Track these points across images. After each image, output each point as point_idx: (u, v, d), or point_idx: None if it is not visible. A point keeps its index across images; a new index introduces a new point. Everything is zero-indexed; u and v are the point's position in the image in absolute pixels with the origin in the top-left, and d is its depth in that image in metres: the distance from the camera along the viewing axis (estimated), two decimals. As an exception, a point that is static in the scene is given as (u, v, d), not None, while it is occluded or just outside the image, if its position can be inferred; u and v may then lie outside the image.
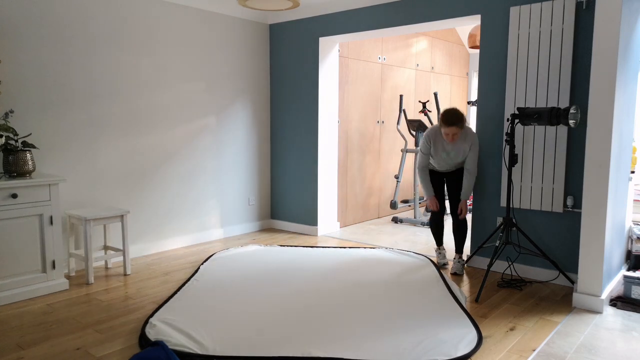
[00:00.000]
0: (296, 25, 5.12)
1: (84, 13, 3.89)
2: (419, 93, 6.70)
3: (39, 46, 3.66)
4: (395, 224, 5.84)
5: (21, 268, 3.29)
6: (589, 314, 3.10)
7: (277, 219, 5.54)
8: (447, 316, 2.98)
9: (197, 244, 4.82)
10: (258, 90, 5.31)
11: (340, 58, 5.37)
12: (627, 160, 3.59)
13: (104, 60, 4.04)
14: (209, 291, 3.42)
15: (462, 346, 2.58)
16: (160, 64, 4.41)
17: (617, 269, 3.61)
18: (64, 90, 3.82)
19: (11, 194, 3.20)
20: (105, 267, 4.04)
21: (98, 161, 4.07)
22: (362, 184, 5.88)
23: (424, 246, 4.77)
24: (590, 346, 2.66)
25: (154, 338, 2.65)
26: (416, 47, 6.53)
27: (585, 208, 3.14)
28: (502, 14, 3.80)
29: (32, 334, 2.78)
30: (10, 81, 3.53)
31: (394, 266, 4.02)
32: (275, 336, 2.71)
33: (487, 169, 3.97)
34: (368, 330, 2.78)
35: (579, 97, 3.49)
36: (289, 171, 5.35)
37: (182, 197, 4.69)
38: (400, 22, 4.39)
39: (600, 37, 3.00)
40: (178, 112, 4.58)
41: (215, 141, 4.93)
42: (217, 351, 2.52)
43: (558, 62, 3.52)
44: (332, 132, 5.23)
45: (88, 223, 3.63)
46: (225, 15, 4.91)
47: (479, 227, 4.06)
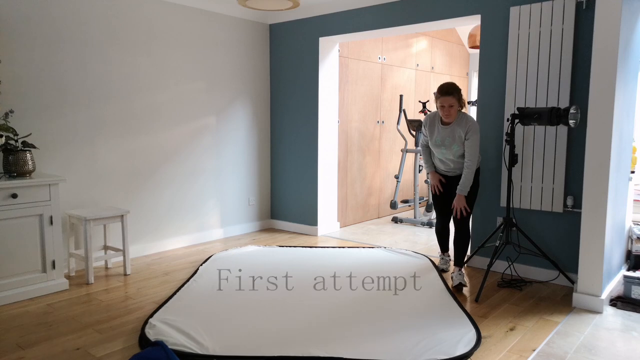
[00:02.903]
0: (296, 25, 5.12)
1: (84, 13, 3.89)
2: (419, 93, 6.70)
3: (38, 46, 3.66)
4: (395, 224, 5.84)
5: (21, 268, 3.29)
6: (589, 314, 3.10)
7: (277, 219, 5.54)
8: (447, 316, 2.99)
9: (197, 244, 4.82)
10: (258, 90, 5.31)
11: (340, 58, 5.37)
12: (627, 160, 3.58)
13: (104, 60, 4.04)
14: (208, 291, 3.42)
15: (461, 345, 2.58)
16: (161, 64, 4.41)
17: (617, 269, 3.60)
18: (63, 90, 3.82)
19: (11, 194, 3.20)
20: (105, 267, 4.04)
21: (98, 161, 4.07)
22: (362, 184, 5.88)
23: (424, 246, 4.78)
24: (590, 346, 2.66)
25: (154, 338, 2.65)
26: (416, 47, 6.53)
27: (585, 208, 3.14)
28: (502, 14, 3.80)
29: (32, 334, 2.78)
30: (10, 81, 3.53)
31: (394, 266, 4.02)
32: (275, 336, 2.71)
33: (487, 168, 3.97)
34: (368, 330, 2.78)
35: (579, 97, 3.49)
36: (289, 171, 5.35)
37: (182, 197, 4.70)
38: (400, 22, 4.39)
39: (600, 37, 3.00)
40: (178, 112, 4.58)
41: (215, 141, 4.93)
42: (217, 351, 2.52)
43: (558, 62, 3.52)
44: (332, 132, 5.23)
45: (88, 223, 3.63)
46: (225, 15, 4.91)
47: (479, 227, 4.06)
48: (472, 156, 3.51)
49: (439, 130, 3.60)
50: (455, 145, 3.56)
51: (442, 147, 3.62)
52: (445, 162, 3.71)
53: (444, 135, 3.58)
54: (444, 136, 3.58)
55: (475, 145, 3.49)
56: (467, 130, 3.49)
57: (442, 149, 3.63)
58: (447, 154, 3.63)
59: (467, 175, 3.53)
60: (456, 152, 3.59)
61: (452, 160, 3.66)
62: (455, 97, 3.43)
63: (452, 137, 3.54)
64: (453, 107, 3.45)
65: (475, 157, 3.51)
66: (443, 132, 3.57)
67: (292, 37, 5.17)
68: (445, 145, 3.59)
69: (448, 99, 3.43)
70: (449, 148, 3.59)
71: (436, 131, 3.62)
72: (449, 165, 3.72)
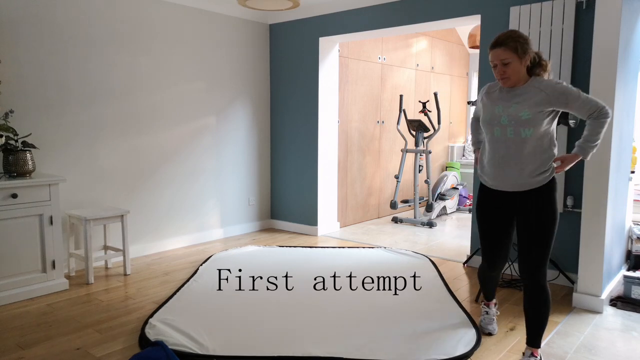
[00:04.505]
0: (296, 25, 5.12)
1: (84, 13, 3.89)
2: (419, 93, 6.70)
3: (38, 46, 3.66)
4: (395, 224, 5.84)
5: (21, 268, 3.29)
6: (589, 314, 3.10)
7: (277, 219, 5.54)
8: (447, 316, 2.98)
9: (197, 244, 4.82)
10: (258, 90, 5.31)
11: (340, 58, 5.37)
12: (627, 160, 3.58)
13: (104, 60, 4.04)
14: (208, 291, 3.42)
15: (461, 345, 2.58)
16: (160, 64, 4.41)
17: (617, 269, 3.60)
18: (64, 90, 3.82)
19: (11, 194, 3.20)
20: (105, 267, 4.04)
21: (98, 161, 4.07)
22: (362, 184, 5.89)
23: (424, 246, 4.78)
24: (590, 346, 2.66)
25: (154, 338, 2.65)
26: (416, 47, 6.53)
27: (585, 208, 3.14)
28: (502, 14, 3.80)
29: (32, 334, 2.78)
30: (10, 81, 3.53)
31: (394, 266, 4.02)
32: (275, 336, 2.71)
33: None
34: (368, 330, 2.78)
35: (579, 97, 3.49)
36: (289, 171, 5.35)
37: (182, 197, 4.70)
38: (400, 22, 4.39)
39: (600, 37, 3.00)
40: (178, 112, 4.58)
41: (215, 141, 4.93)
42: (217, 351, 2.52)
43: (558, 62, 3.52)
44: (332, 132, 5.23)
45: (88, 223, 3.63)
46: (225, 15, 4.91)
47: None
48: (591, 105, 2.23)
49: (500, 98, 2.35)
50: (525, 112, 2.25)
51: (498, 126, 2.32)
52: (503, 158, 2.34)
53: (507, 107, 2.30)
54: (508, 106, 2.30)
55: (585, 99, 2.22)
56: (550, 93, 2.23)
57: (497, 128, 2.33)
58: (509, 136, 2.30)
59: (598, 127, 2.24)
60: (527, 131, 2.26)
61: (516, 151, 2.30)
62: (511, 49, 2.23)
63: (520, 107, 2.27)
64: (510, 66, 2.26)
65: (597, 101, 2.23)
66: (506, 101, 2.32)
67: (292, 37, 5.17)
68: (512, 122, 2.28)
69: (499, 52, 2.26)
70: (516, 127, 2.28)
71: (495, 101, 2.37)
72: (509, 166, 2.33)
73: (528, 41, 2.26)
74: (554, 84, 2.25)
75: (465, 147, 7.57)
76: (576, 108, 2.24)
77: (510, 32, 2.27)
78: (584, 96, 2.23)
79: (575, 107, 2.24)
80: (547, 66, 2.34)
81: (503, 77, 2.29)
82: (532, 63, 2.32)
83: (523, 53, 2.25)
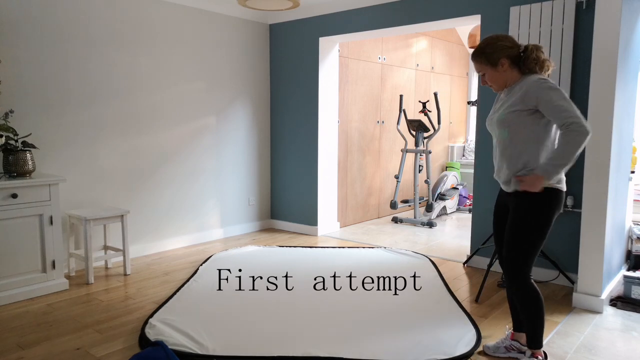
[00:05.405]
0: (296, 25, 5.12)
1: (84, 13, 3.89)
2: (419, 93, 6.70)
3: (38, 46, 3.66)
4: (395, 224, 5.84)
5: (21, 268, 3.29)
6: (589, 314, 3.10)
7: (277, 219, 5.54)
8: (447, 316, 2.99)
9: (197, 244, 4.82)
10: (258, 90, 5.31)
11: (340, 58, 5.37)
12: (627, 160, 3.58)
13: (104, 60, 4.04)
14: (208, 291, 3.42)
15: (461, 345, 2.58)
16: (160, 64, 4.41)
17: (617, 269, 3.60)
18: (64, 90, 3.82)
19: (11, 194, 3.19)
20: (105, 267, 4.04)
21: (98, 161, 4.06)
22: (362, 184, 5.89)
23: (424, 246, 4.78)
24: (590, 346, 2.66)
25: (154, 338, 2.65)
26: (416, 47, 6.53)
27: (585, 208, 3.14)
28: (502, 14, 3.80)
29: (32, 334, 2.78)
30: (10, 81, 3.53)
31: (394, 266, 4.02)
32: (275, 336, 2.71)
33: (486, 168, 3.97)
34: (368, 330, 2.78)
35: (579, 97, 3.49)
36: (289, 171, 5.35)
37: (182, 197, 4.69)
38: (400, 22, 4.39)
39: (600, 37, 3.00)
40: (178, 112, 4.58)
41: (215, 141, 4.93)
42: (217, 351, 2.52)
43: (558, 62, 3.52)
44: (332, 132, 5.23)
45: (88, 223, 3.63)
46: (225, 15, 4.91)
47: (479, 227, 4.06)
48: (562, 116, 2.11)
49: (501, 99, 2.40)
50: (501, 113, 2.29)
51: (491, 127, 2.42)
52: (495, 159, 2.44)
53: (497, 108, 2.38)
54: (498, 108, 2.38)
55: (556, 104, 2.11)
56: (525, 92, 2.19)
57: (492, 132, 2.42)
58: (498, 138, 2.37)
59: (562, 145, 2.12)
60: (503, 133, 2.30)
61: (501, 153, 2.36)
62: (481, 62, 2.31)
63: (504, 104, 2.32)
64: (487, 75, 2.34)
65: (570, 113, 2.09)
66: (503, 99, 2.35)
67: (292, 37, 5.17)
68: (494, 122, 2.35)
69: (475, 65, 2.37)
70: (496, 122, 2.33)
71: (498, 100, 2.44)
72: (498, 166, 2.42)
73: (497, 47, 2.25)
74: (534, 81, 2.19)
75: (465, 147, 7.57)
76: (548, 114, 2.15)
77: (480, 44, 2.32)
78: (558, 103, 2.11)
79: (547, 112, 2.15)
80: (544, 62, 2.26)
81: (492, 87, 2.37)
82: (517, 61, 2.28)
83: (493, 63, 2.28)
